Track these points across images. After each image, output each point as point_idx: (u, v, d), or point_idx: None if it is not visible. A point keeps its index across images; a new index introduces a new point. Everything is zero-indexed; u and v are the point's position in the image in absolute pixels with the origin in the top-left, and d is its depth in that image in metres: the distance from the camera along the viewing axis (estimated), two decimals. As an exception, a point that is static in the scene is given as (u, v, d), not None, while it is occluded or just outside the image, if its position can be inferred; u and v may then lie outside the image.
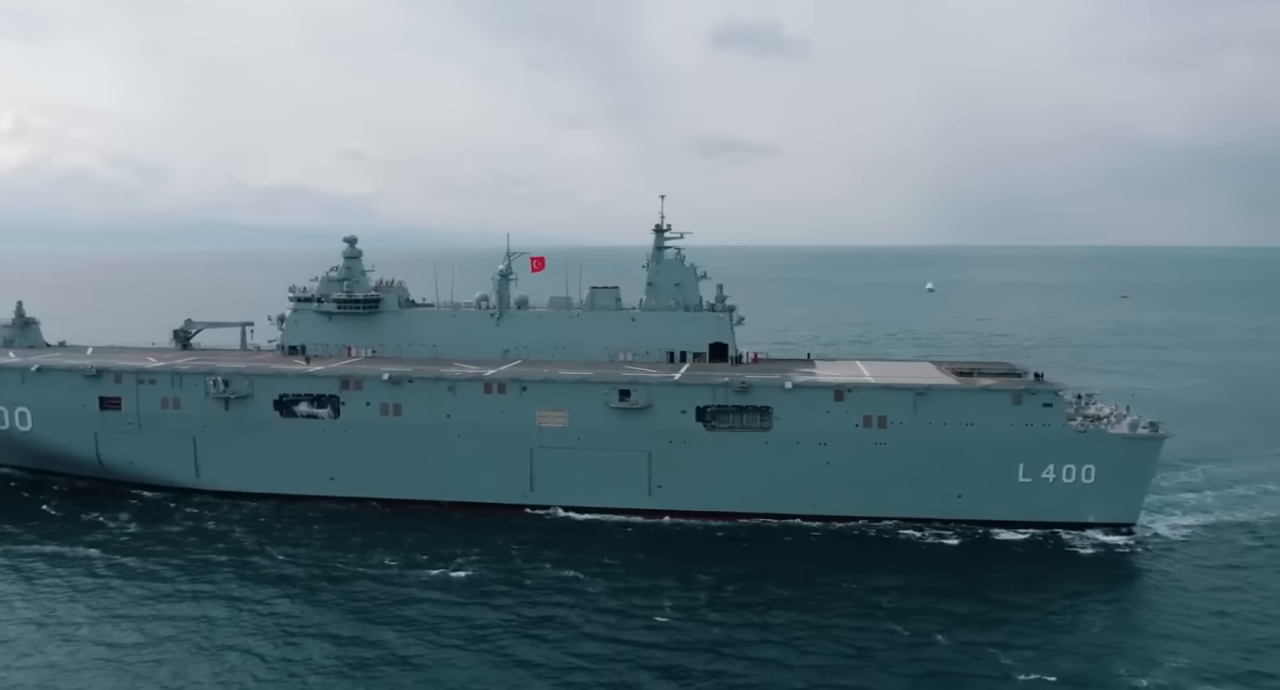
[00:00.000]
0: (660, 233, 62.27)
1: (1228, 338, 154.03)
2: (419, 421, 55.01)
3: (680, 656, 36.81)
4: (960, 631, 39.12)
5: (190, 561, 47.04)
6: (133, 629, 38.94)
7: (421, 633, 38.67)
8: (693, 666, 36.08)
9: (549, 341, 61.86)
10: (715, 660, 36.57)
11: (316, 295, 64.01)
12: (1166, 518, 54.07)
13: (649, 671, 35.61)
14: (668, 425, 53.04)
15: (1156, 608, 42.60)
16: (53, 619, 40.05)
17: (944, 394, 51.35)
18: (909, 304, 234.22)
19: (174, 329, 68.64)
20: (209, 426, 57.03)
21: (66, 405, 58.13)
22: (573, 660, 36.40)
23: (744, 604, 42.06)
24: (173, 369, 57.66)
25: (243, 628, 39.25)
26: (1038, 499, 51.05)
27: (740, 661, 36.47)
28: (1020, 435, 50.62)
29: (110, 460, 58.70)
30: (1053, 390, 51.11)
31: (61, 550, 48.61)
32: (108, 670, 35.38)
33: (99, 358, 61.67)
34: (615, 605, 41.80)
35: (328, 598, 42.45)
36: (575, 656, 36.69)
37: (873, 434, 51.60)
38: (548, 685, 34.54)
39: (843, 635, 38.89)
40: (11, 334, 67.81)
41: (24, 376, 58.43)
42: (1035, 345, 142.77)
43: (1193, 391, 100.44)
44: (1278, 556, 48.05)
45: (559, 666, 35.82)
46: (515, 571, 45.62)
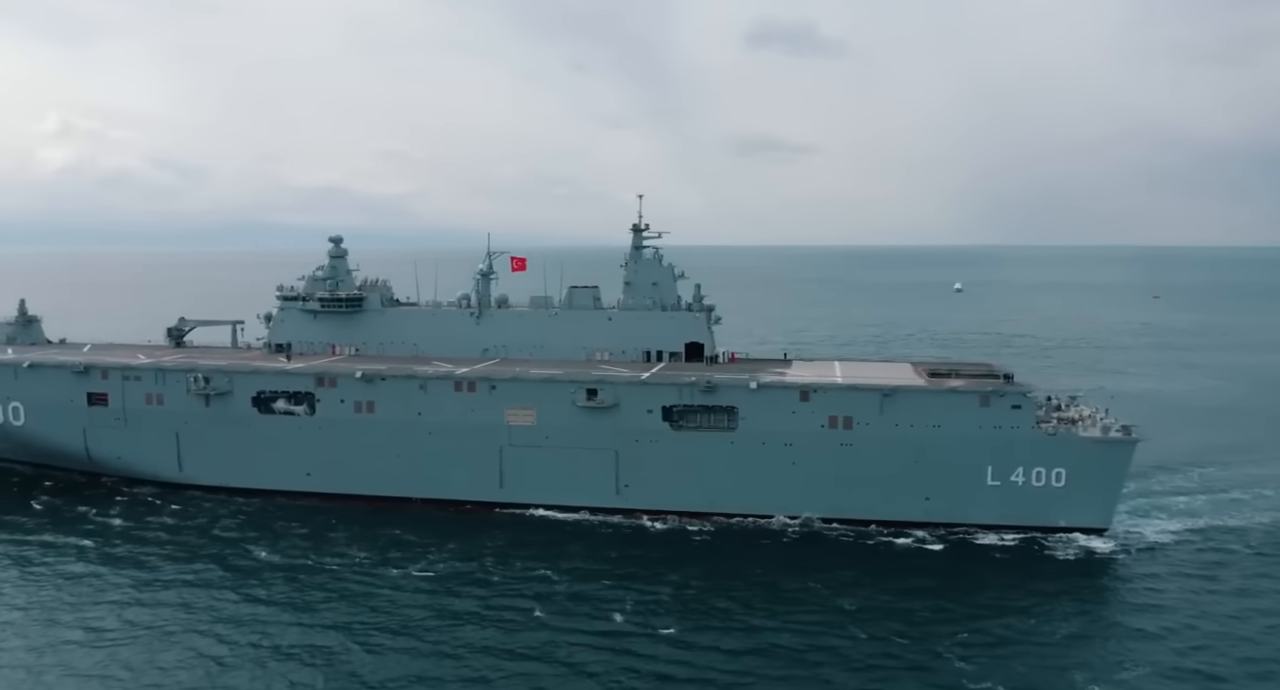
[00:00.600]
0: (638, 232, 62.29)
1: (1259, 339, 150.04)
2: (391, 419, 55.65)
3: (627, 658, 36.65)
4: (919, 636, 38.58)
5: (171, 554, 47.94)
6: (110, 615, 40.28)
7: (377, 624, 39.28)
8: (638, 666, 35.99)
9: (527, 340, 62.19)
10: (660, 660, 36.42)
11: (302, 294, 65.00)
12: (1150, 522, 52.95)
13: (589, 665, 35.77)
14: (634, 424, 53.08)
15: (1123, 615, 41.52)
16: (35, 604, 41.48)
17: (910, 395, 50.77)
18: (935, 304, 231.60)
19: (168, 327, 70.08)
20: (191, 422, 58.21)
21: (56, 401, 59.70)
22: (520, 657, 36.55)
23: (704, 604, 41.81)
24: (157, 366, 58.94)
25: (212, 616, 40.19)
26: (1007, 502, 50.28)
27: (684, 664, 36.22)
28: (988, 437, 49.89)
29: (98, 454, 60.18)
30: (1021, 392, 50.26)
31: (49, 541, 49.89)
32: (83, 652, 36.80)
33: (87, 355, 63.12)
34: (572, 604, 41.71)
35: (295, 590, 43.15)
36: (521, 654, 36.78)
37: (838, 435, 51.18)
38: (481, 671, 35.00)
39: (798, 637, 38.49)
40: (14, 331, 69.66)
41: (16, 372, 60.11)
42: (1055, 346, 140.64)
43: (1208, 394, 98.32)
44: (1258, 565, 46.63)
45: (507, 660, 36.21)
46: (481, 570, 45.77)
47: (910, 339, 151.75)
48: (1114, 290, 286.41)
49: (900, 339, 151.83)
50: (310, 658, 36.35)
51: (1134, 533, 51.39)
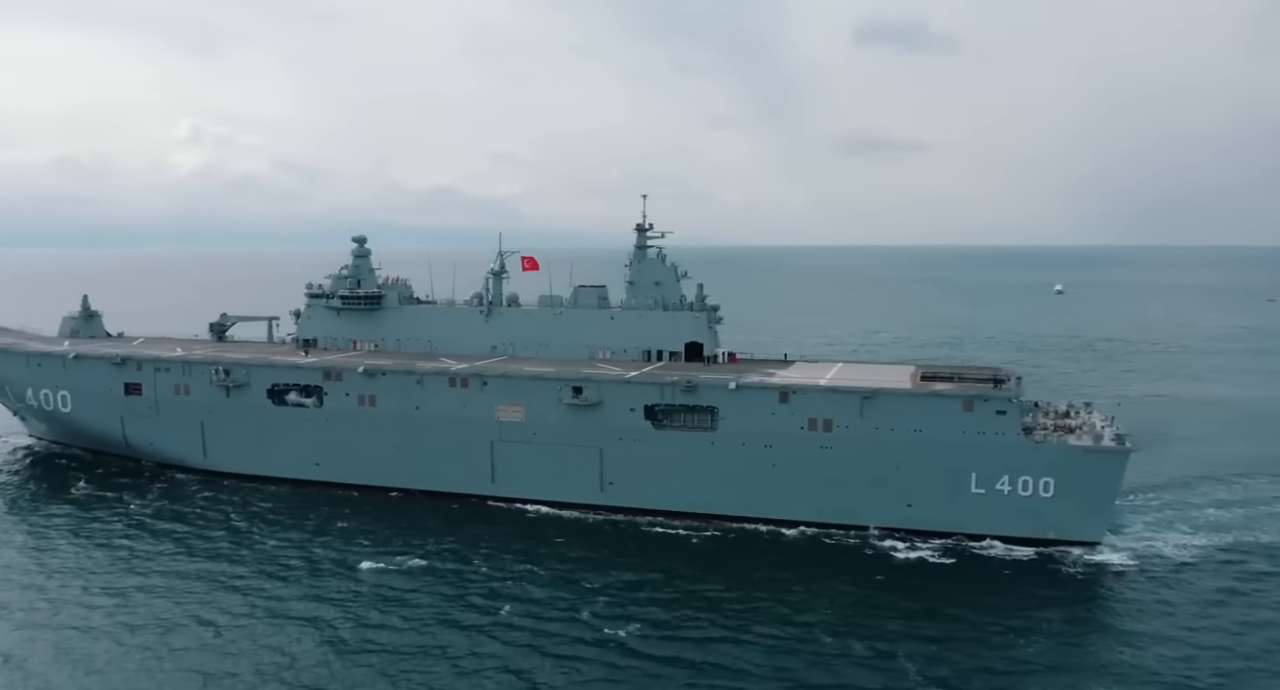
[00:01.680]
0: (642, 232, 62.47)
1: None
2: (391, 412, 57.62)
3: (587, 650, 36.99)
4: (884, 646, 37.56)
5: (184, 537, 50.55)
6: (113, 589, 43.38)
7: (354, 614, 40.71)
8: (589, 658, 36.40)
9: (534, 338, 63.28)
10: (617, 658, 36.54)
11: (328, 292, 67.87)
12: (1171, 535, 50.22)
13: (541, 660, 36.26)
14: (618, 423, 53.43)
15: (1103, 635, 39.23)
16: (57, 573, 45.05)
17: (892, 398, 49.41)
18: (1031, 306, 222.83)
19: (210, 322, 74.22)
20: (214, 412, 61.63)
21: (98, 390, 64.19)
22: (483, 649, 37.29)
23: (675, 603, 41.74)
24: (184, 359, 62.65)
25: (196, 597, 42.46)
26: (993, 511, 48.38)
27: (642, 659, 36.36)
28: (972, 443, 48.11)
29: (134, 440, 64.40)
30: (1006, 397, 48.21)
31: (83, 518, 53.62)
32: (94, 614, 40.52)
33: (124, 347, 67.52)
34: (545, 599, 42.12)
35: (281, 574, 45.15)
36: (483, 648, 37.48)
37: (818, 437, 50.27)
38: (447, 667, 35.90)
39: (760, 640, 38.06)
40: (76, 325, 75.03)
41: (64, 363, 64.91)
42: (1138, 351, 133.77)
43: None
44: (1265, 590, 43.44)
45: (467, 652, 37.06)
46: (465, 564, 46.56)
47: (990, 341, 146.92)
48: (1226, 293, 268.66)
49: (980, 341, 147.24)
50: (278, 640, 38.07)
51: (1151, 547, 48.63)
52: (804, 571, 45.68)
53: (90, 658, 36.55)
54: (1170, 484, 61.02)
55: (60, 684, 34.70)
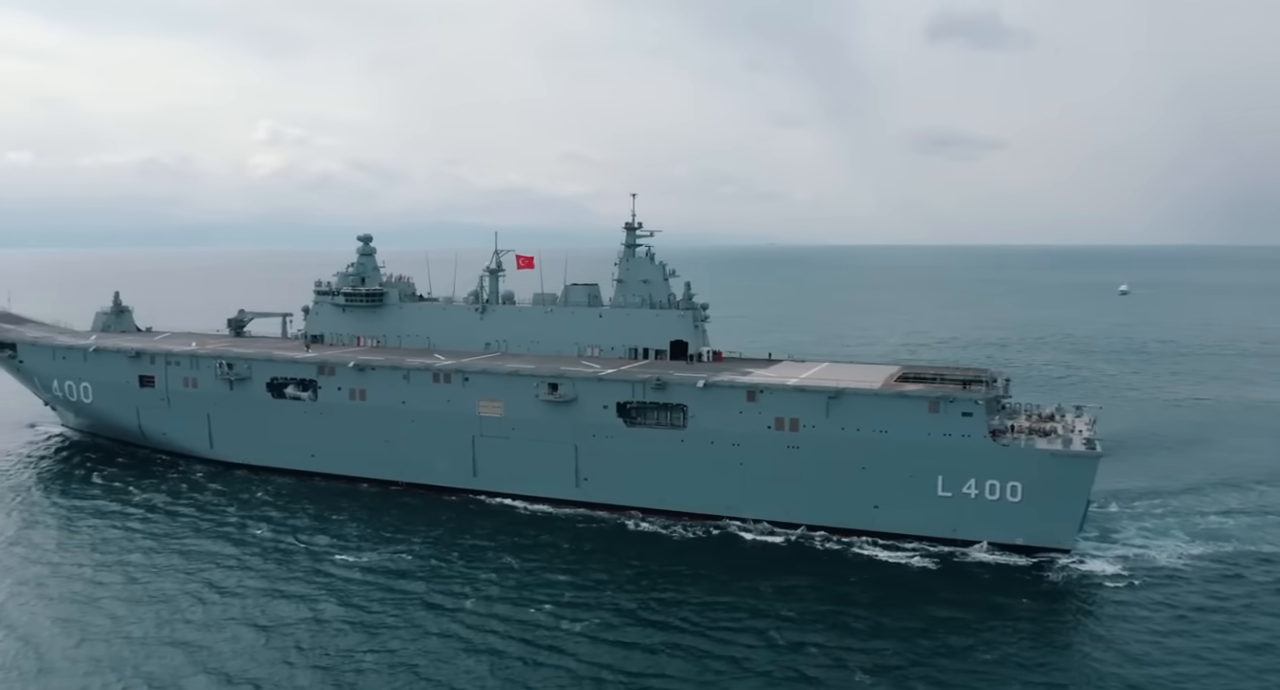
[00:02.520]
0: (631, 230, 62.83)
1: None
2: (380, 406, 59.17)
3: (533, 647, 37.27)
4: (836, 650, 37.12)
5: (186, 524, 52.56)
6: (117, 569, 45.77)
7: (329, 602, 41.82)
8: (537, 658, 36.63)
9: (526, 335, 64.23)
10: (561, 655, 36.76)
11: (334, 289, 69.94)
12: (1167, 542, 48.67)
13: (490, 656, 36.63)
14: (591, 419, 53.94)
15: (1064, 649, 37.76)
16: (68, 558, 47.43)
17: (858, 398, 48.80)
18: (1091, 307, 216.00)
19: (228, 318, 77.13)
20: (219, 404, 64.10)
21: (115, 381, 67.37)
22: (437, 639, 38.01)
23: (635, 601, 41.85)
24: (192, 353, 65.32)
25: (185, 578, 44.40)
26: (960, 515, 47.43)
27: (587, 656, 36.55)
28: (938, 446, 47.24)
29: (148, 430, 67.40)
30: (972, 399, 47.16)
31: (100, 506, 56.20)
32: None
33: (140, 341, 70.65)
34: (508, 594, 42.39)
35: (269, 564, 46.51)
36: (434, 640, 38.10)
37: (785, 437, 49.96)
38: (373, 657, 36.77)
39: (713, 641, 37.90)
40: (108, 320, 78.71)
41: (85, 356, 68.28)
42: (1190, 353, 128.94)
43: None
44: (1251, 604, 41.64)
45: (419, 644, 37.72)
46: (438, 557, 47.26)
47: (1038, 342, 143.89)
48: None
49: (1028, 342, 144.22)
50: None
51: (1143, 554, 47.11)
52: (777, 573, 45.30)
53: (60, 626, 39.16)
54: (1181, 489, 59.09)
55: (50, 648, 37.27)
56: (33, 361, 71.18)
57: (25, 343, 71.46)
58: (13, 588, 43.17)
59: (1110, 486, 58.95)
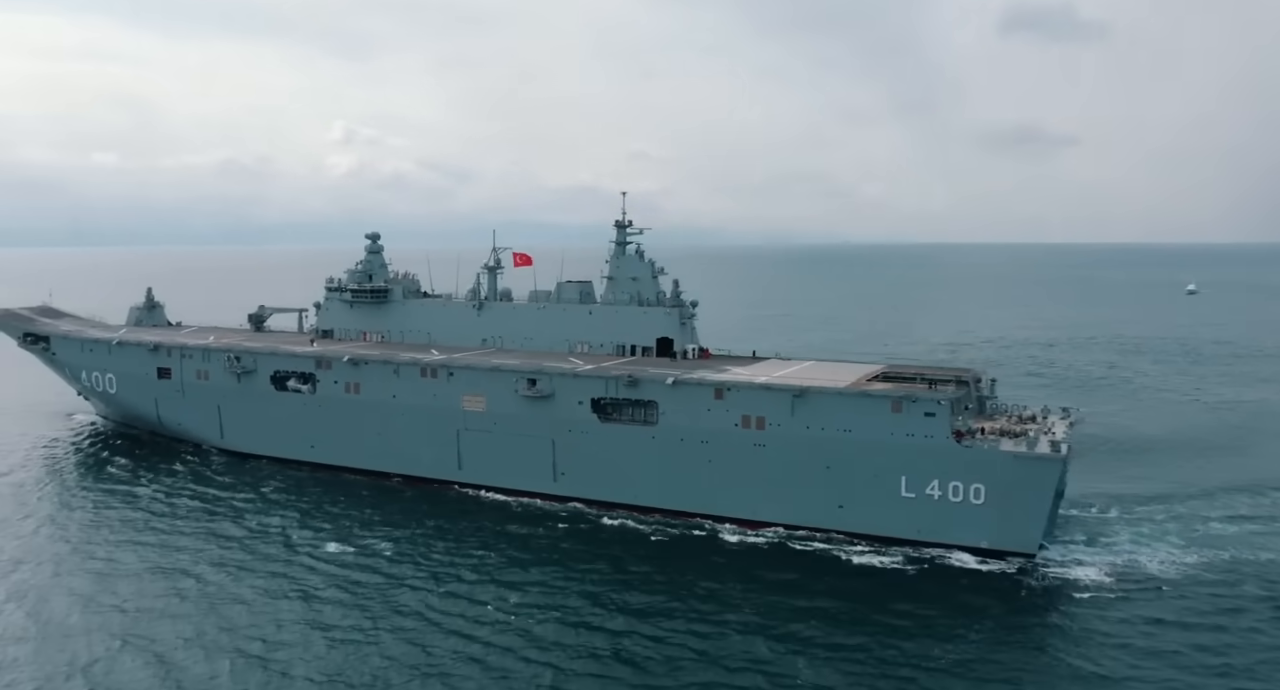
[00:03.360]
0: (621, 228, 63.39)
1: None
2: (373, 400, 60.96)
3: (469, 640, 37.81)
4: (789, 650, 36.83)
5: (191, 511, 54.67)
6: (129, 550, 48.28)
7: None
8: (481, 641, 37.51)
9: (520, 331, 65.38)
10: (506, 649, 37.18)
11: (343, 285, 72.18)
12: (1160, 548, 47.31)
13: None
14: (567, 415, 54.75)
15: (1025, 663, 36.25)
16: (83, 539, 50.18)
17: (822, 397, 48.55)
18: (1154, 307, 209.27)
19: (249, 313, 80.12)
20: (228, 395, 66.81)
21: (136, 373, 70.74)
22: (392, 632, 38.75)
23: (598, 597, 42.05)
24: (205, 346, 68.18)
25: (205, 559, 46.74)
26: (923, 516, 46.85)
27: (534, 652, 36.91)
28: (901, 446, 46.74)
29: (166, 420, 70.61)
30: (934, 399, 46.50)
31: (119, 490, 59.04)
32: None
33: (159, 335, 73.92)
34: (472, 589, 42.83)
35: (259, 551, 48.14)
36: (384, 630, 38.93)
37: (751, 435, 50.00)
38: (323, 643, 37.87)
39: (666, 637, 37.96)
40: (140, 315, 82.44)
41: (109, 349, 71.85)
42: (1245, 354, 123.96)
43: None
44: (1235, 616, 40.09)
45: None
46: (416, 549, 48.12)
47: (1088, 342, 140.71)
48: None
49: (1077, 342, 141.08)
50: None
51: (1134, 561, 45.74)
52: (749, 571, 44.95)
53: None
54: (1192, 494, 57.40)
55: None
56: (64, 353, 75.16)
57: (58, 335, 75.49)
58: (34, 563, 46.19)
59: (1115, 490, 57.66)
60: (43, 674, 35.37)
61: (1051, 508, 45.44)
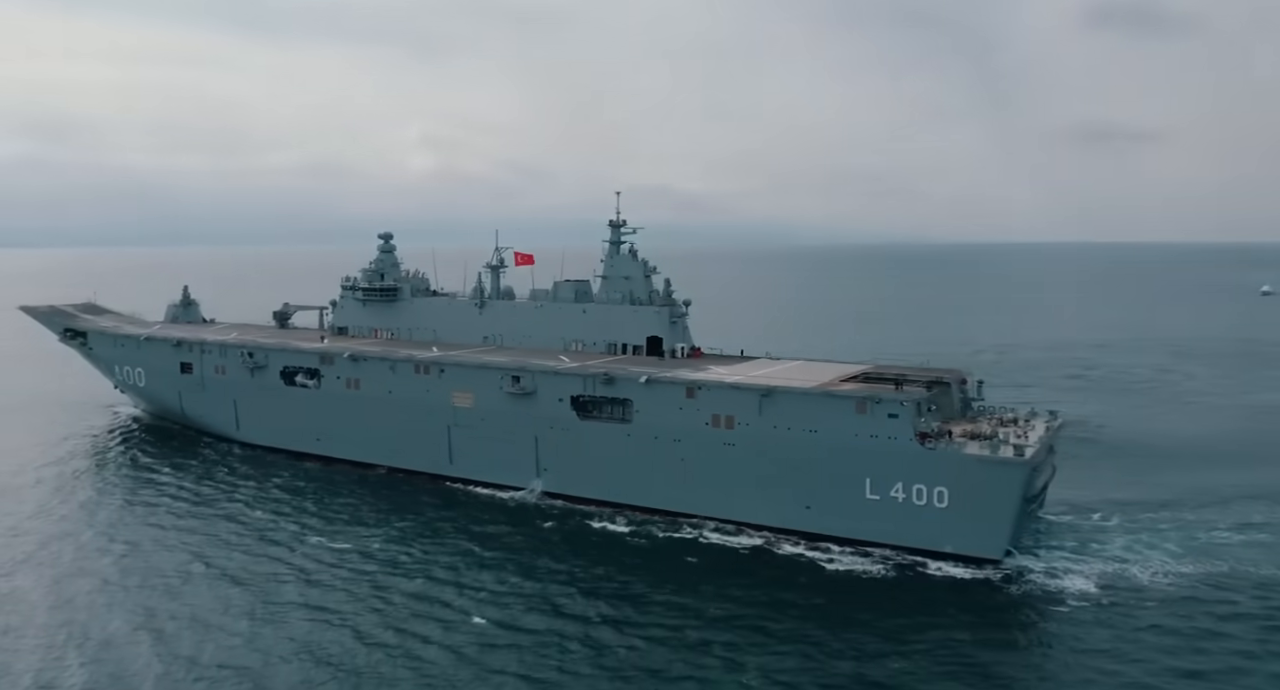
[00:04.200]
0: (615, 228, 63.93)
1: None
2: (371, 395, 62.77)
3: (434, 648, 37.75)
4: (741, 653, 36.44)
5: (203, 501, 56.89)
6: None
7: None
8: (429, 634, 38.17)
9: (519, 330, 66.50)
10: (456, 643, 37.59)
11: (356, 284, 74.40)
12: (1153, 557, 45.63)
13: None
14: (549, 412, 55.55)
15: (981, 673, 35.24)
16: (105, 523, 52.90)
17: (788, 397, 48.28)
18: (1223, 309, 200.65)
19: (274, 311, 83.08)
20: (243, 390, 69.53)
21: (162, 367, 74.16)
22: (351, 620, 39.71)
23: (565, 594, 42.17)
24: (221, 342, 71.09)
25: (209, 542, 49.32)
26: (887, 519, 46.21)
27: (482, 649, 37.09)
28: (865, 447, 46.20)
29: (189, 412, 73.83)
30: (898, 400, 45.79)
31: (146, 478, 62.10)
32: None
33: (183, 331, 77.23)
34: (441, 583, 43.47)
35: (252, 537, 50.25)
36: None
37: (721, 434, 50.03)
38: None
39: (621, 637, 37.89)
40: (176, 311, 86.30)
41: (139, 344, 75.46)
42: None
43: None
44: (1220, 634, 38.32)
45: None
46: (400, 544, 49.03)
47: (1139, 344, 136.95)
48: None
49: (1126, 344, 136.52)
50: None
51: (1124, 570, 44.17)
52: (721, 575, 44.37)
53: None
54: (1201, 502, 55.55)
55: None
56: (100, 348, 79.18)
57: (95, 331, 79.57)
58: (57, 546, 49.00)
59: (1123, 496, 56.07)
60: (50, 637, 38.33)
61: (1019, 513, 44.34)
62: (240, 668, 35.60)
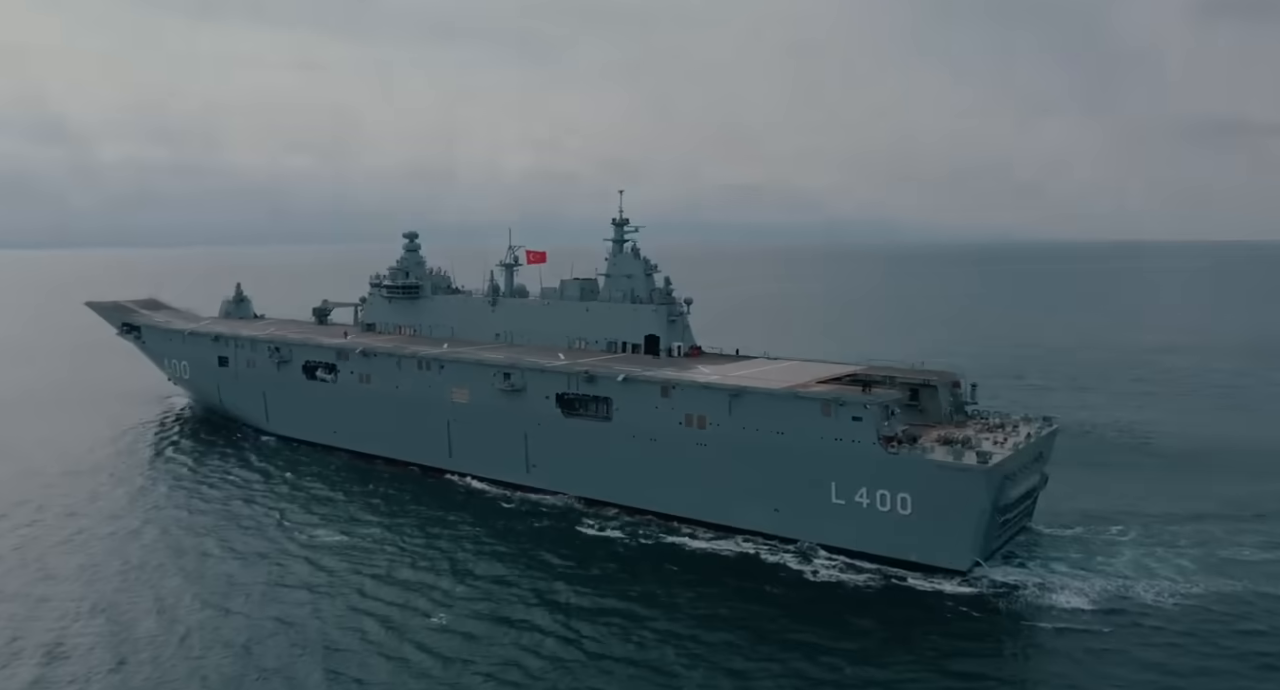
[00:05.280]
0: (619, 226, 63.98)
1: None
2: (380, 390, 64.62)
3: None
4: (689, 660, 35.78)
5: (230, 485, 60.20)
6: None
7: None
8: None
9: (529, 327, 67.31)
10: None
11: (382, 281, 76.68)
12: (1143, 576, 43.02)
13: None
14: (536, 408, 56.09)
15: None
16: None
17: (757, 398, 47.39)
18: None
19: (314, 307, 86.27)
20: (271, 383, 72.55)
21: (203, 361, 78.06)
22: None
23: (529, 594, 42.13)
24: (252, 337, 74.30)
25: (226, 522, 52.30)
26: (852, 525, 44.88)
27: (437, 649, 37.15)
28: (830, 450, 44.97)
29: (227, 404, 77.50)
30: (862, 402, 44.34)
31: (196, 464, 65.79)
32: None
33: (220, 326, 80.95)
34: (415, 579, 43.90)
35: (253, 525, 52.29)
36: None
37: (694, 434, 49.53)
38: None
39: (572, 638, 37.65)
40: (229, 307, 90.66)
41: (183, 339, 79.61)
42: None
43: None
44: (1191, 657, 35.93)
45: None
46: (390, 537, 50.11)
47: (1211, 349, 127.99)
48: None
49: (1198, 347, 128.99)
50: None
51: (1127, 588, 41.62)
52: (697, 581, 43.41)
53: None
54: (1233, 515, 52.43)
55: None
56: (151, 342, 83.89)
57: (148, 326, 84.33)
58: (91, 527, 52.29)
59: (1149, 508, 53.35)
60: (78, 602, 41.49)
61: (986, 523, 42.40)
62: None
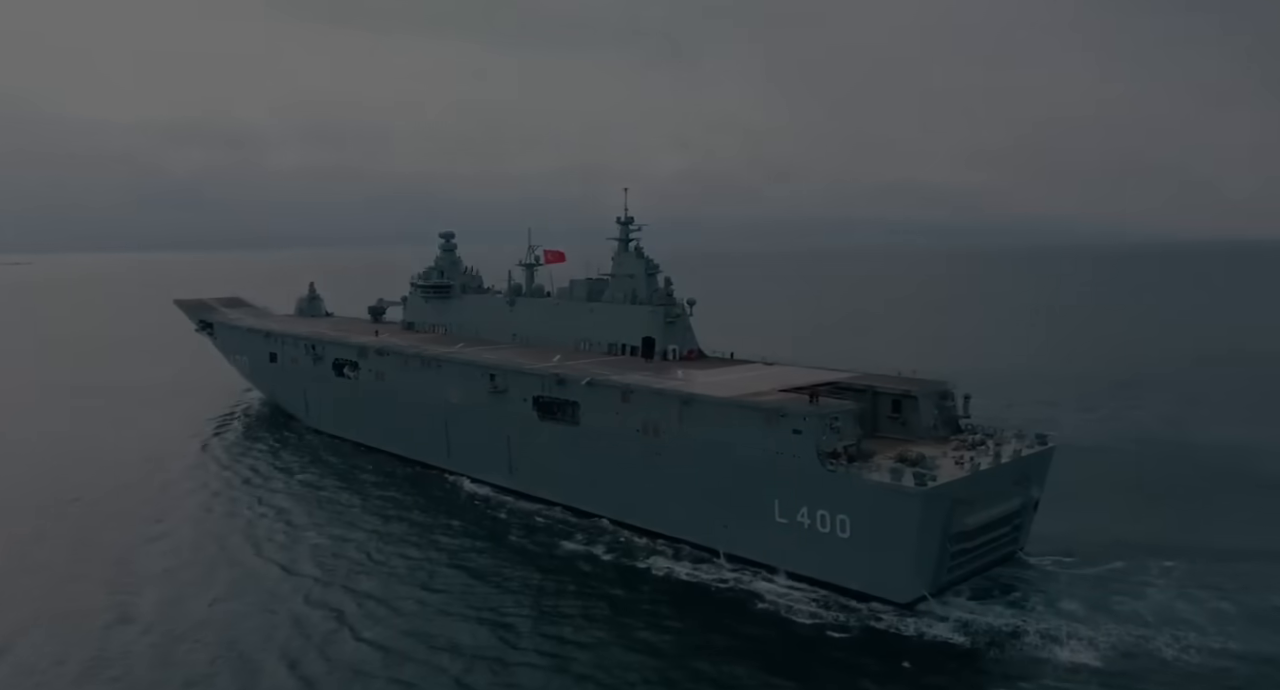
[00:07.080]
0: (624, 225, 62.21)
1: None
2: (392, 388, 65.67)
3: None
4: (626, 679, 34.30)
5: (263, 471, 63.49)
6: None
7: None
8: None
9: (541, 327, 66.69)
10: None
11: (418, 281, 78.07)
12: (1168, 625, 37.35)
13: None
14: (517, 411, 55.28)
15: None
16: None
17: (705, 406, 44.58)
18: None
19: (369, 306, 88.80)
20: (308, 379, 75.26)
21: (260, 356, 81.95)
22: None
23: (484, 606, 40.91)
24: (294, 334, 77.24)
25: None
26: (795, 545, 41.44)
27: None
28: (772, 465, 41.69)
29: (278, 398, 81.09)
30: (802, 415, 40.68)
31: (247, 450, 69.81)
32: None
33: (272, 322, 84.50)
34: (403, 577, 43.97)
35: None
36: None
37: (650, 441, 47.31)
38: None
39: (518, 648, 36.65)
40: (304, 305, 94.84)
41: (243, 335, 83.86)
42: None
43: None
44: None
45: None
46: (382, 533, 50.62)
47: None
48: None
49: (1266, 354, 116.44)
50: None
51: (1145, 642, 35.95)
52: (653, 605, 40.77)
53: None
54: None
55: None
56: (221, 338, 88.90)
57: (219, 323, 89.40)
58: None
59: (1194, 541, 46.81)
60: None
61: (931, 552, 38.10)
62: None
